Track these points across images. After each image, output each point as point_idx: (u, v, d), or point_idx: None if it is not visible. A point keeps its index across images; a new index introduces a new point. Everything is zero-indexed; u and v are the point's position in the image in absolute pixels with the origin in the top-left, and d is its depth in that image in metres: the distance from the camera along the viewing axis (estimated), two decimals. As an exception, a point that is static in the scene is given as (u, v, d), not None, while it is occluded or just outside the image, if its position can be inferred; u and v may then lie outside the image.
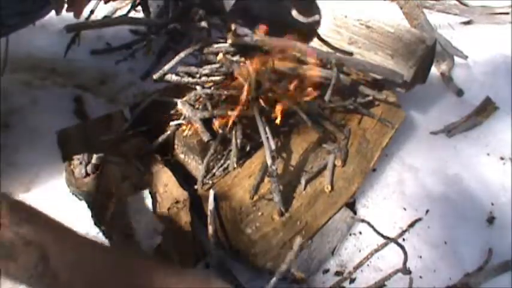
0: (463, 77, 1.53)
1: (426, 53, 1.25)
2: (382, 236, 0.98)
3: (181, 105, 1.05)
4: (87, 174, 0.99)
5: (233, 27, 1.15)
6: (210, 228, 0.93)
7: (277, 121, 1.02)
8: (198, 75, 1.11)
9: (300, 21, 1.31)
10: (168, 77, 1.16)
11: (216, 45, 1.20)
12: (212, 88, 1.10)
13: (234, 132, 1.02)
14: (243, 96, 1.01)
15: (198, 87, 1.10)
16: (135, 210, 0.95)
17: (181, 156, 1.07)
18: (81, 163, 1.00)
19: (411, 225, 1.09)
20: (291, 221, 0.99)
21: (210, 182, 1.00)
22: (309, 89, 1.09)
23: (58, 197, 1.02)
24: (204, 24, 1.25)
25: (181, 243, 0.93)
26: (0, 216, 0.58)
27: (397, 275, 0.98)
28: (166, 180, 1.00)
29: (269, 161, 0.97)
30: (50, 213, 1.00)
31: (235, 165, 1.01)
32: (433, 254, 1.06)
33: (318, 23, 1.32)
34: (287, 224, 0.98)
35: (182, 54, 1.18)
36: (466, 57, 1.57)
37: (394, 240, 0.98)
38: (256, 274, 0.97)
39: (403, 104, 1.26)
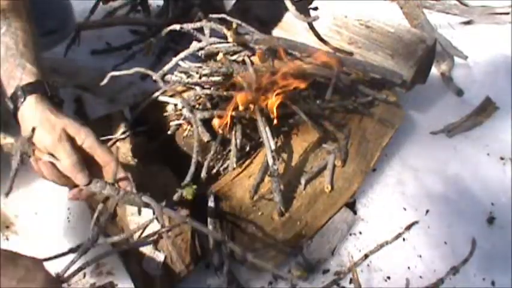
0: (463, 77, 1.54)
1: (426, 53, 1.25)
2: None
3: (181, 105, 1.05)
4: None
5: (234, 25, 1.15)
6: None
7: (275, 121, 1.01)
8: (198, 75, 1.11)
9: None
10: (168, 77, 1.16)
11: (216, 45, 1.20)
12: (212, 88, 1.09)
13: (234, 132, 1.02)
14: (243, 96, 1.01)
15: (198, 87, 1.10)
16: (135, 210, 0.95)
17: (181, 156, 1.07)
18: (81, 163, 1.00)
19: (411, 225, 1.09)
20: (291, 221, 0.99)
21: (210, 182, 1.00)
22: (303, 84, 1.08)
23: (58, 197, 1.02)
24: (204, 24, 1.25)
25: (181, 243, 0.93)
26: None
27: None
28: (166, 180, 1.00)
29: (270, 161, 0.96)
30: (50, 213, 1.02)
31: (235, 165, 1.01)
32: (433, 254, 1.06)
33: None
34: (287, 224, 0.98)
35: (182, 54, 1.18)
36: (466, 57, 1.57)
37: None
38: (256, 274, 0.97)
39: (403, 104, 1.26)
